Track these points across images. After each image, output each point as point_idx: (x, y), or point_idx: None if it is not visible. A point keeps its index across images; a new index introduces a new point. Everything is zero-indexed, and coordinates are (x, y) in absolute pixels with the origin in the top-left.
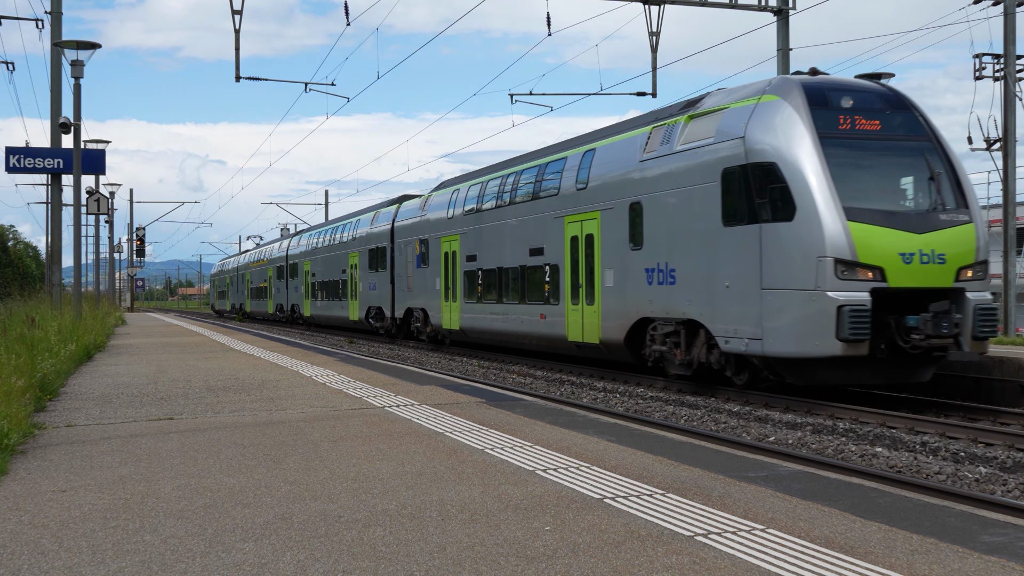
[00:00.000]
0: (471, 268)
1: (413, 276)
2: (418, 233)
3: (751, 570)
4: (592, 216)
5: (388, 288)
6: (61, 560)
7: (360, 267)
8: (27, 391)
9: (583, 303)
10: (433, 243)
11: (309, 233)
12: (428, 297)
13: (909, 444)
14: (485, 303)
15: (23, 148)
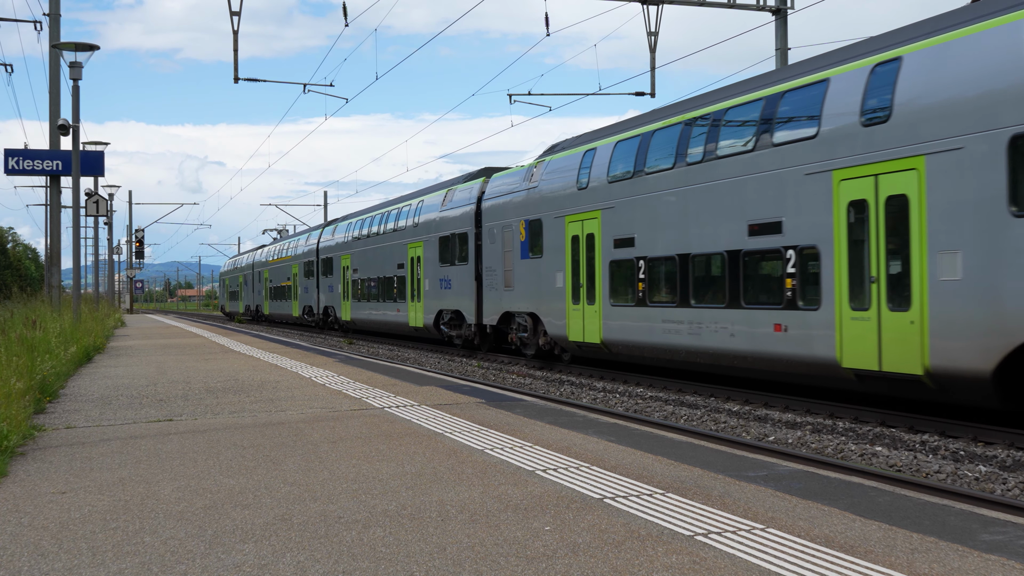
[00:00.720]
0: (624, 256)
1: (514, 270)
2: (523, 212)
3: (751, 569)
4: (913, 166)
5: (471, 286)
6: (61, 562)
7: (425, 260)
8: (27, 393)
9: (882, 304)
10: (551, 225)
11: (348, 222)
12: (541, 298)
13: (909, 443)
14: (654, 306)
15: (22, 150)
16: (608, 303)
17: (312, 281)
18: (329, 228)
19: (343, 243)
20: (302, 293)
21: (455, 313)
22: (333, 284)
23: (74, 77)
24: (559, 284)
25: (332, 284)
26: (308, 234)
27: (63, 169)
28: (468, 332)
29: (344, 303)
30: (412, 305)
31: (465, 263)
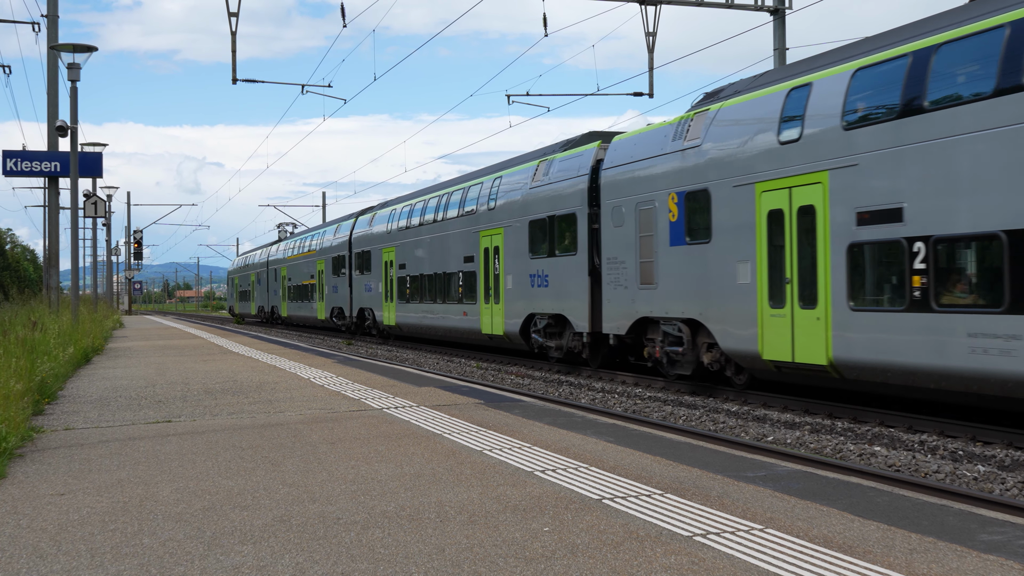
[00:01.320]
0: (881, 237)
1: (658, 261)
2: (675, 182)
3: (750, 570)
4: None
5: (581, 283)
6: (60, 563)
7: (505, 251)
8: (25, 395)
9: None
10: (727, 197)
11: (391, 210)
12: (708, 299)
13: (907, 443)
14: (948, 312)
15: (20, 151)
16: (845, 306)
17: (343, 279)
18: (365, 217)
19: (385, 234)
20: (330, 293)
21: (554, 319)
22: (372, 282)
23: (72, 78)
24: (744, 279)
25: (370, 282)
26: (337, 225)
27: (61, 170)
28: (574, 343)
29: (387, 304)
30: (486, 308)
31: (571, 253)
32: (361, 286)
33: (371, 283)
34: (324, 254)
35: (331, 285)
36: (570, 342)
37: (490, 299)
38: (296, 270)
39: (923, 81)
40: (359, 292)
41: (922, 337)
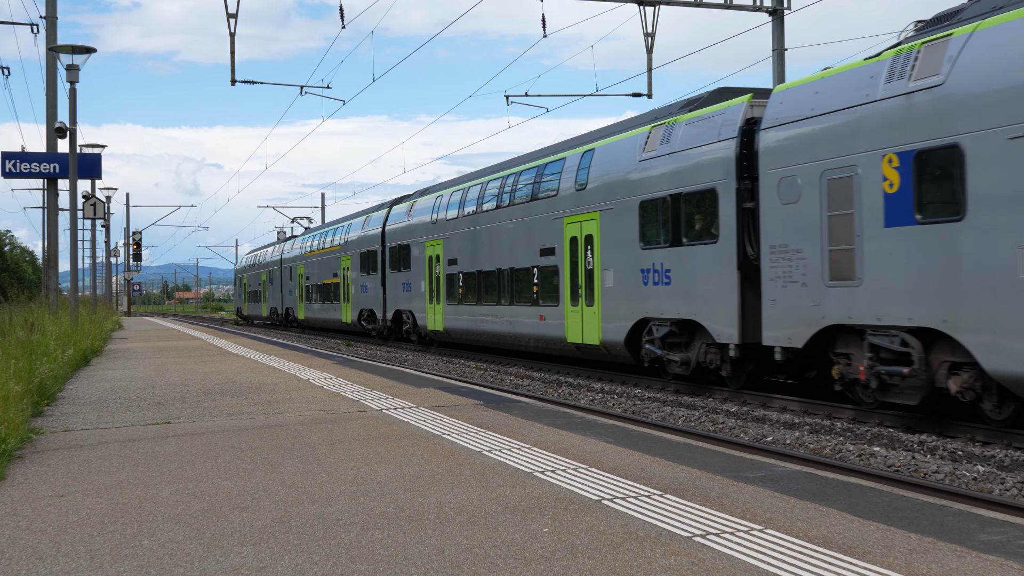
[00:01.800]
0: None
1: (864, 248)
2: (893, 139)
3: (749, 570)
4: None
5: (726, 279)
6: (59, 565)
7: (602, 241)
8: (25, 396)
9: None
10: (1003, 153)
11: (436, 197)
12: (960, 299)
13: (907, 443)
14: None
15: (19, 153)
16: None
17: (374, 277)
18: (402, 206)
19: (430, 225)
20: (357, 293)
21: (681, 325)
22: (411, 280)
23: (71, 80)
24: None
25: (409, 280)
26: (366, 217)
27: (60, 172)
28: (710, 357)
29: (432, 307)
30: (573, 311)
31: (709, 242)
32: (398, 285)
33: (412, 281)
34: (350, 249)
35: (359, 285)
36: (704, 356)
37: (580, 299)
38: (316, 268)
39: None
40: (395, 292)
41: None
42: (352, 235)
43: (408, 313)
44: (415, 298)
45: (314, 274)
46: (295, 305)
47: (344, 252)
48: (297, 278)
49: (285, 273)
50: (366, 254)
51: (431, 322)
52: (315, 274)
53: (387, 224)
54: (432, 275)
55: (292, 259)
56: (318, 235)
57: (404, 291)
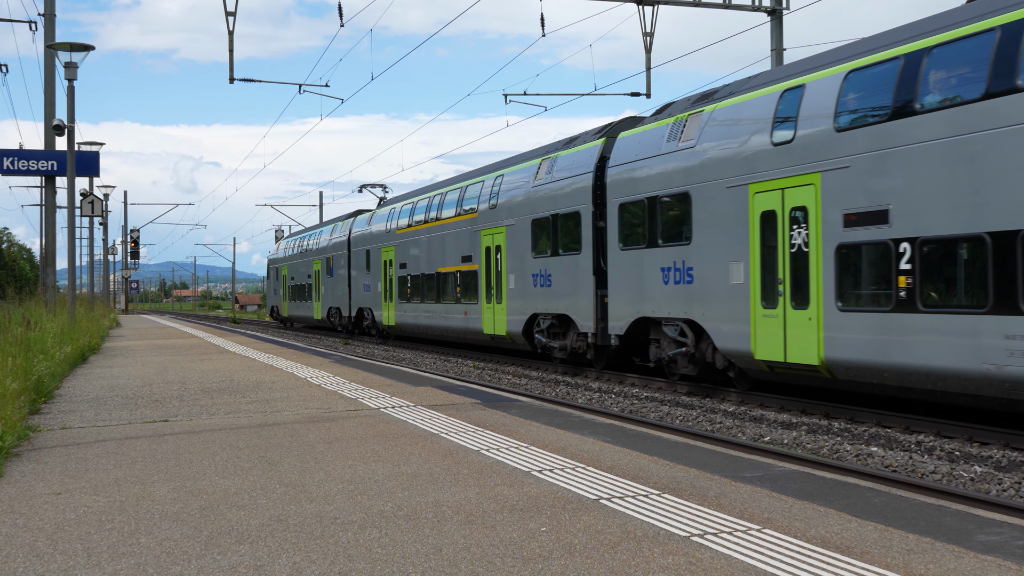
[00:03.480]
0: None
1: None
2: None
3: (747, 570)
4: None
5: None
6: (56, 563)
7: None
8: (22, 394)
9: None
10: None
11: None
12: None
13: (904, 443)
14: None
15: (17, 150)
16: None
17: (575, 262)
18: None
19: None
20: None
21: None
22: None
23: (69, 77)
24: None
25: (369, 282)
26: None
27: (58, 169)
28: (578, 344)
29: (386, 305)
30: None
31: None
32: (360, 286)
33: (370, 283)
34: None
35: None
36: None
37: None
38: (423, 249)
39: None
40: (357, 291)
41: None
42: (516, 190)
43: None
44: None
45: (414, 260)
46: (375, 305)
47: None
48: (384, 268)
49: (356, 260)
50: (545, 220)
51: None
52: (416, 260)
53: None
54: (386, 277)
55: (365, 239)
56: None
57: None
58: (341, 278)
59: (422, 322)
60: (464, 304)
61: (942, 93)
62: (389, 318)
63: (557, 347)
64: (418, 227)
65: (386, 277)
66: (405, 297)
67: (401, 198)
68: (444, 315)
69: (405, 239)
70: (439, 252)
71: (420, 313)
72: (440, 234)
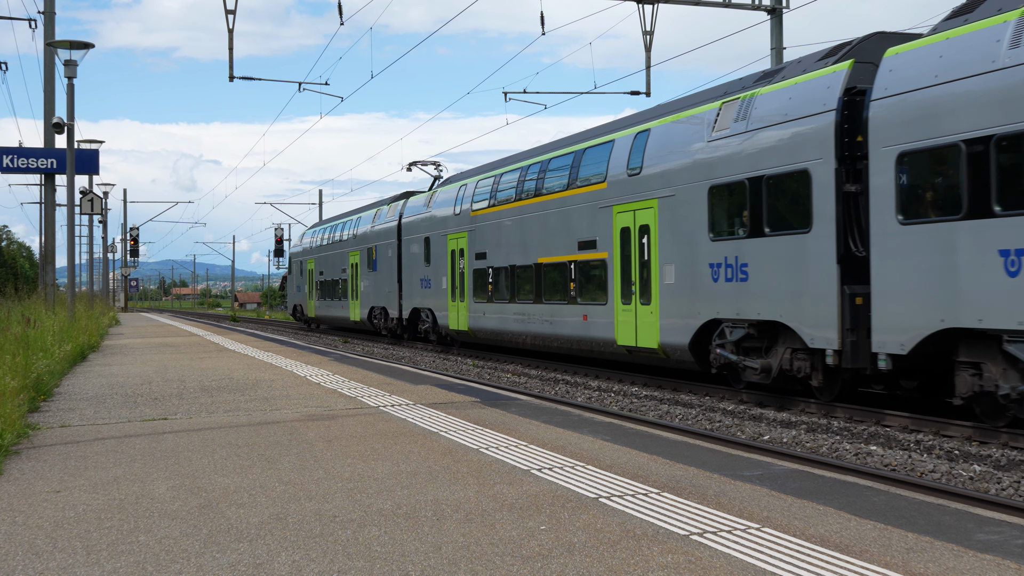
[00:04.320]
0: None
1: None
2: None
3: (746, 569)
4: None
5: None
6: (56, 561)
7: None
8: (21, 391)
9: None
10: None
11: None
12: None
13: (903, 442)
14: None
15: (16, 148)
16: None
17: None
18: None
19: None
20: (723, 284)
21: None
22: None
23: (68, 75)
24: None
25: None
26: (687, 113)
27: (57, 167)
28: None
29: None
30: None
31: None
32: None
33: (429, 277)
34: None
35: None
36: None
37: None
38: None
39: None
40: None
41: None
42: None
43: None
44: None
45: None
46: (439, 305)
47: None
48: (449, 258)
49: (409, 252)
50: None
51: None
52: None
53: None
54: (454, 271)
55: (424, 224)
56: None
57: (423, 288)
58: (387, 272)
59: (510, 327)
60: (583, 305)
61: None
62: (459, 321)
63: (756, 368)
64: (505, 206)
65: (454, 271)
66: (483, 295)
67: (473, 173)
68: (547, 319)
69: (484, 223)
70: (539, 237)
71: (508, 316)
72: (540, 214)
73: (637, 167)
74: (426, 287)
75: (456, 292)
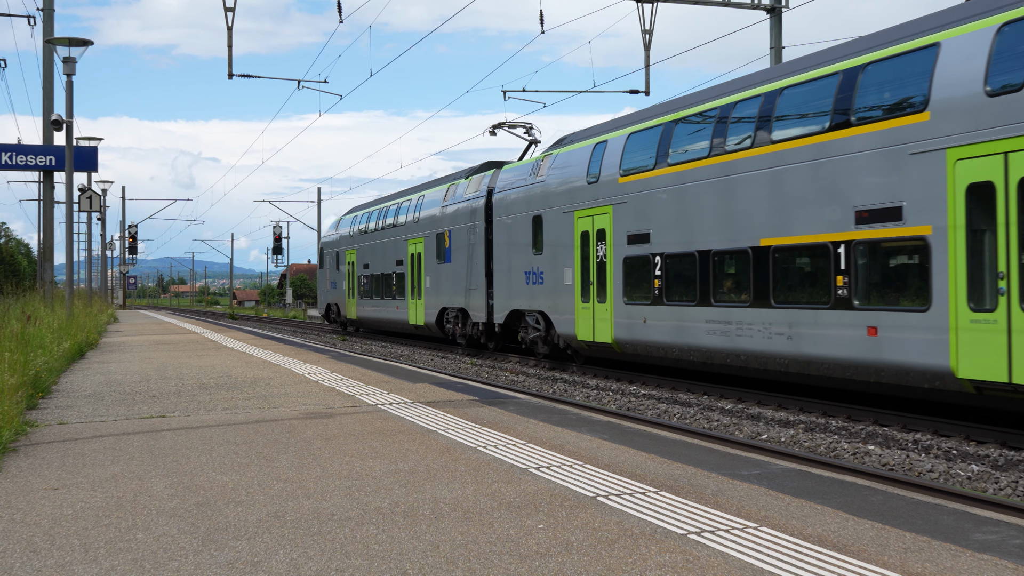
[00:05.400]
0: None
1: None
2: None
3: (744, 568)
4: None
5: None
6: (54, 558)
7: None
8: (19, 389)
9: None
10: None
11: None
12: None
13: (901, 442)
14: None
15: (15, 145)
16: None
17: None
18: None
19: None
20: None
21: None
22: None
23: (67, 72)
24: None
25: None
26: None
27: (56, 164)
28: (474, 331)
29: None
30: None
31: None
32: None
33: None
34: None
35: None
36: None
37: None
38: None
39: None
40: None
41: None
42: None
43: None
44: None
45: None
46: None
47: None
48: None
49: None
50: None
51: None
52: None
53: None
54: (589, 262)
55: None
56: None
57: (533, 284)
58: (467, 264)
59: (697, 341)
60: (866, 311)
61: None
62: (594, 330)
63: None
64: (685, 166)
65: (586, 260)
66: (642, 294)
67: (618, 124)
68: (783, 332)
69: (644, 191)
70: (765, 207)
71: (692, 326)
72: (767, 173)
73: None
74: (535, 282)
75: (589, 290)
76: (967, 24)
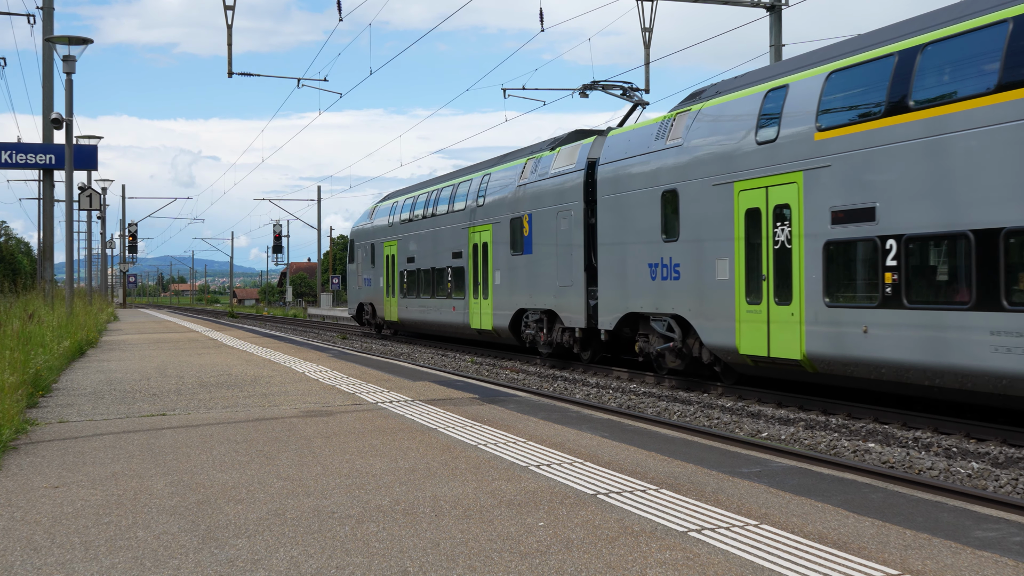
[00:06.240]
0: None
1: None
2: None
3: (744, 566)
4: None
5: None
6: (54, 556)
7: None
8: (20, 387)
9: None
10: None
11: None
12: None
13: (902, 440)
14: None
15: (15, 144)
16: None
17: None
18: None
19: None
20: None
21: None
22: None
23: (67, 71)
24: None
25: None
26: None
27: (56, 163)
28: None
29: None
30: None
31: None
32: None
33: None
34: None
35: None
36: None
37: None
38: None
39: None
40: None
41: None
42: None
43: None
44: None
45: None
46: (719, 309)
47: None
48: (739, 222)
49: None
50: None
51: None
52: None
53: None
54: (763, 249)
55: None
56: None
57: (661, 279)
58: (555, 256)
59: (1018, 368)
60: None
61: None
62: (784, 345)
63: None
64: (956, 107)
65: (761, 249)
66: (863, 294)
67: (787, 68)
68: None
69: (869, 147)
70: None
71: None
72: None
73: None
74: (666, 278)
75: (761, 287)
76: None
